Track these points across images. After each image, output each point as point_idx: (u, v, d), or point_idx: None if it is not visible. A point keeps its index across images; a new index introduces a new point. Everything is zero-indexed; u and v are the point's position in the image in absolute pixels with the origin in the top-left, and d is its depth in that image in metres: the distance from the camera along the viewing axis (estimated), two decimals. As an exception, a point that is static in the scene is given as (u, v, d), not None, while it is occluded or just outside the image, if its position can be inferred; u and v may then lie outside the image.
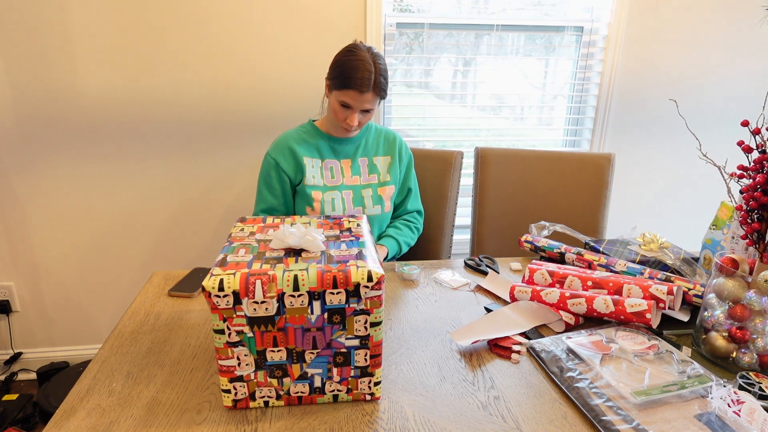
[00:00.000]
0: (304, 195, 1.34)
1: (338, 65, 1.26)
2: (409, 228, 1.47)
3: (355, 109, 1.27)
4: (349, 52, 1.26)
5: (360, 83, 1.23)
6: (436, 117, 2.02)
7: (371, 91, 1.25)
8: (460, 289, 1.16)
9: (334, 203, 1.34)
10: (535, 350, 0.90)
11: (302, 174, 1.34)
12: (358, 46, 1.27)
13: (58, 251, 1.87)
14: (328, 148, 1.38)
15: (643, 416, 0.72)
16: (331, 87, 1.29)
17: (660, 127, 2.07)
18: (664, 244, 1.21)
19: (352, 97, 1.25)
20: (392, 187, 1.43)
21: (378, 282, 0.70)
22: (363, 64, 1.23)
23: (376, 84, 1.25)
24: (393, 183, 1.43)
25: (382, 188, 1.41)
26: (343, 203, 1.35)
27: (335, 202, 1.34)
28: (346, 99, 1.26)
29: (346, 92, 1.25)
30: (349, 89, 1.24)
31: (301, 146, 1.36)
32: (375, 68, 1.24)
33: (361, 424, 0.73)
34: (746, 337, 0.85)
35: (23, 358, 1.98)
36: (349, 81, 1.23)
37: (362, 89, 1.23)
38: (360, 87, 1.23)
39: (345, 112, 1.28)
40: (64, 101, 1.71)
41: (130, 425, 0.72)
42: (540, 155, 1.70)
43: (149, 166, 1.82)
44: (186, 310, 1.05)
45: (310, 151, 1.36)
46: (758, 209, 0.86)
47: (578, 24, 1.95)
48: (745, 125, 0.88)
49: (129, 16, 1.65)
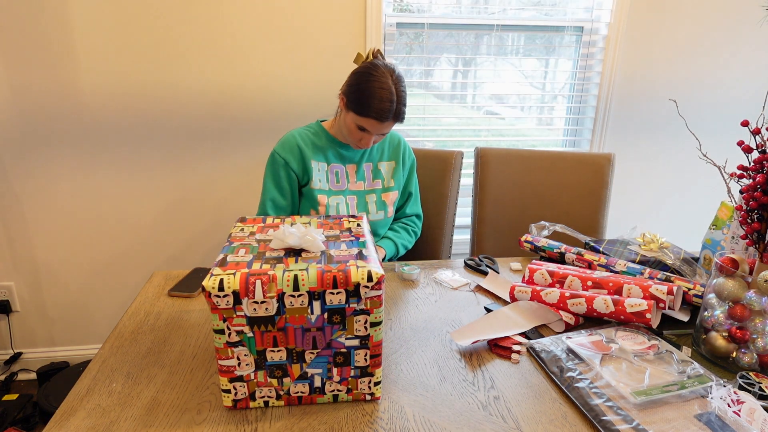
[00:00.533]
0: (311, 198, 1.32)
1: (358, 89, 1.19)
2: (407, 231, 1.46)
3: (372, 134, 1.24)
4: (370, 75, 1.18)
5: (380, 114, 1.17)
6: (436, 117, 2.02)
7: (391, 120, 1.21)
8: (460, 289, 1.16)
9: (338, 208, 1.33)
10: (535, 350, 0.90)
11: (309, 176, 1.32)
12: (379, 66, 1.20)
13: (58, 251, 1.87)
14: (335, 153, 1.35)
15: (643, 416, 0.72)
16: (348, 107, 1.22)
17: (660, 127, 2.07)
18: (664, 244, 1.21)
19: (371, 125, 1.20)
20: (396, 192, 1.41)
21: (378, 282, 0.70)
22: (385, 93, 1.17)
23: (398, 114, 1.20)
24: (396, 189, 1.41)
25: (386, 194, 1.39)
26: (348, 208, 1.34)
27: (339, 207, 1.33)
28: (363, 125, 1.21)
29: (365, 119, 1.20)
30: (368, 118, 1.19)
31: (310, 149, 1.32)
32: (397, 97, 1.18)
33: (361, 424, 0.73)
34: (746, 337, 0.85)
35: (23, 358, 1.98)
36: (369, 110, 1.17)
37: (382, 119, 1.19)
38: (380, 117, 1.18)
39: (360, 134, 1.24)
40: (65, 101, 1.71)
41: (130, 425, 0.72)
42: (540, 155, 1.70)
43: (150, 166, 1.82)
44: (186, 310, 1.05)
45: (317, 154, 1.33)
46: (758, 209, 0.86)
47: (578, 24, 1.95)
48: (745, 125, 0.88)
49: (129, 16, 1.65)
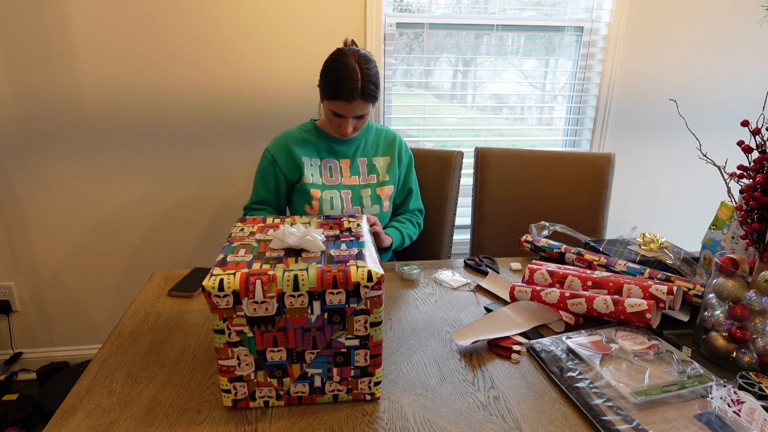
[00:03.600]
0: (304, 192, 1.35)
1: (325, 74, 1.26)
2: (411, 223, 1.48)
3: (347, 116, 1.28)
4: (336, 60, 1.25)
5: (347, 93, 1.22)
6: (436, 117, 2.02)
7: (359, 99, 1.24)
8: (460, 289, 1.16)
9: (332, 202, 1.35)
10: (535, 350, 0.90)
11: (300, 172, 1.35)
12: (345, 51, 1.26)
13: (58, 251, 1.87)
14: (327, 148, 1.39)
15: (643, 416, 0.72)
16: (322, 96, 1.30)
17: (660, 127, 2.07)
18: (664, 244, 1.21)
19: (341, 107, 1.25)
20: (391, 187, 1.43)
21: (378, 282, 0.70)
22: (349, 73, 1.22)
23: (364, 91, 1.24)
24: (392, 183, 1.43)
25: (381, 188, 1.41)
26: (342, 202, 1.36)
27: (334, 200, 1.35)
28: (336, 109, 1.27)
29: (335, 103, 1.25)
30: (337, 100, 1.24)
31: (300, 146, 1.37)
32: (362, 75, 1.23)
33: (361, 424, 0.73)
34: (746, 337, 0.85)
35: (23, 358, 1.98)
36: (336, 91, 1.23)
37: (350, 99, 1.23)
38: (347, 97, 1.23)
39: (338, 120, 1.29)
40: (64, 101, 1.71)
41: (130, 425, 0.72)
42: (540, 155, 1.70)
43: (149, 166, 1.82)
44: (186, 310, 1.05)
45: (309, 150, 1.37)
46: (758, 209, 0.86)
47: (578, 24, 1.95)
48: (745, 125, 0.88)
49: (129, 17, 1.65)
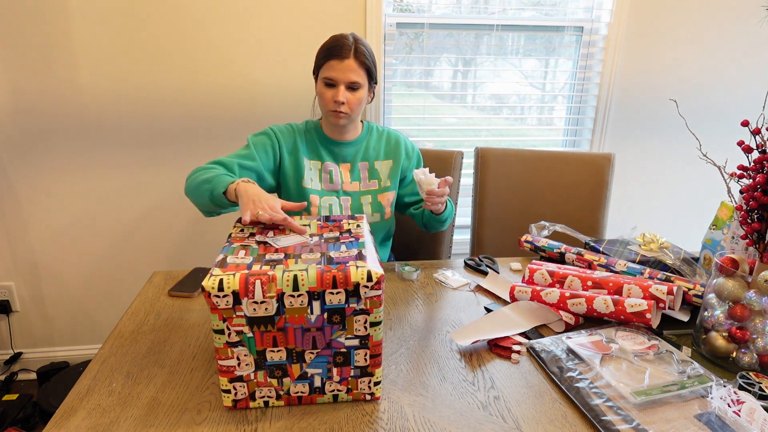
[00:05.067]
0: (303, 198, 1.30)
1: (320, 49, 1.27)
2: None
3: (339, 81, 1.23)
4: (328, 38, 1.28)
5: (339, 51, 1.22)
6: (436, 117, 2.02)
7: (352, 58, 1.22)
8: (460, 289, 1.16)
9: (331, 209, 1.31)
10: (535, 350, 0.90)
11: (300, 174, 1.30)
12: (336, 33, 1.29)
13: (58, 251, 1.87)
14: (328, 151, 1.34)
15: (643, 416, 0.72)
16: (316, 72, 1.28)
17: (660, 127, 2.07)
18: (664, 244, 1.21)
19: (333, 67, 1.22)
20: (393, 192, 1.38)
21: (378, 282, 0.70)
22: (341, 38, 1.24)
23: (357, 51, 1.23)
24: (393, 189, 1.38)
25: (382, 194, 1.36)
26: (341, 210, 1.32)
27: (333, 208, 1.31)
28: (328, 73, 1.23)
29: (327, 65, 1.23)
30: (329, 60, 1.23)
31: (304, 145, 1.33)
32: (355, 40, 1.24)
33: (361, 424, 0.73)
34: (746, 337, 0.85)
35: (23, 358, 1.99)
36: (328, 53, 1.23)
37: (342, 56, 1.22)
38: (339, 54, 1.22)
39: (331, 92, 1.25)
40: (65, 101, 1.71)
41: (130, 425, 0.72)
42: (540, 155, 1.70)
43: (149, 166, 1.82)
44: (186, 310, 1.05)
45: (310, 152, 1.33)
46: (758, 209, 0.86)
47: (578, 24, 1.95)
48: (745, 125, 0.88)
49: (128, 17, 1.65)
